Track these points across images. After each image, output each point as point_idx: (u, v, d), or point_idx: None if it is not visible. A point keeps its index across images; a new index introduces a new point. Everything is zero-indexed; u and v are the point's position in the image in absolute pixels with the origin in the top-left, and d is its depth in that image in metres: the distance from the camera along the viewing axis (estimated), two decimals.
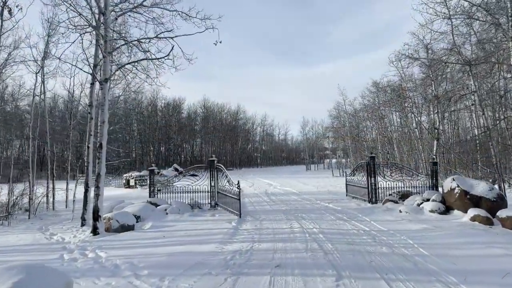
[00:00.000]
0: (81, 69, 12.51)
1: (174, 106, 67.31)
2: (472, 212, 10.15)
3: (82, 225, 11.09)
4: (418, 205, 12.13)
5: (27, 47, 15.47)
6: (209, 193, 13.81)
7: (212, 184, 13.81)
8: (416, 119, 28.65)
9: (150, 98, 63.89)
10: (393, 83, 28.90)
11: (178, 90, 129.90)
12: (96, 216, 9.62)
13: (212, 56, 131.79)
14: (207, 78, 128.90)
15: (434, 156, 18.23)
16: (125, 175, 28.24)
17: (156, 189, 14.12)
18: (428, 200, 12.34)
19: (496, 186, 12.22)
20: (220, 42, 11.16)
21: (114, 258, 6.98)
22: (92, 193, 9.82)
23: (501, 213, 9.51)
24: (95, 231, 9.54)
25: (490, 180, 15.73)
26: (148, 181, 14.11)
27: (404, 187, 14.59)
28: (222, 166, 13.23)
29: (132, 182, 26.37)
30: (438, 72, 21.26)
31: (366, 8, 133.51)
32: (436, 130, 22.33)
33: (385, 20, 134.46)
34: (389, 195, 14.69)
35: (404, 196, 14.41)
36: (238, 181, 11.34)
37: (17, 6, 9.61)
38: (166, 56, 9.82)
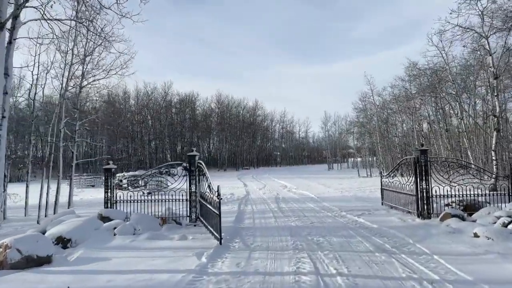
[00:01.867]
0: None
1: (187, 102, 63.94)
2: None
3: None
4: (505, 225, 7.69)
5: None
6: (188, 202, 9.87)
7: (192, 189, 9.85)
8: (461, 107, 23.60)
9: (162, 93, 60.91)
10: (433, 66, 23.93)
11: (191, 86, 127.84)
12: None
13: (229, 56, 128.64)
14: (223, 78, 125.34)
15: (490, 151, 13.55)
16: (118, 174, 24.73)
17: (117, 193, 10.34)
18: None
19: None
20: None
21: None
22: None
23: None
24: None
25: None
26: (106, 185, 10.29)
27: (466, 194, 10.11)
28: (203, 164, 9.25)
29: (124, 183, 22.83)
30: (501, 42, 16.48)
31: (389, 5, 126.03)
32: (495, 119, 17.51)
33: (410, 16, 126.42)
34: (446, 205, 10.28)
35: (468, 207, 9.99)
36: (218, 187, 7.32)
37: None
38: None
